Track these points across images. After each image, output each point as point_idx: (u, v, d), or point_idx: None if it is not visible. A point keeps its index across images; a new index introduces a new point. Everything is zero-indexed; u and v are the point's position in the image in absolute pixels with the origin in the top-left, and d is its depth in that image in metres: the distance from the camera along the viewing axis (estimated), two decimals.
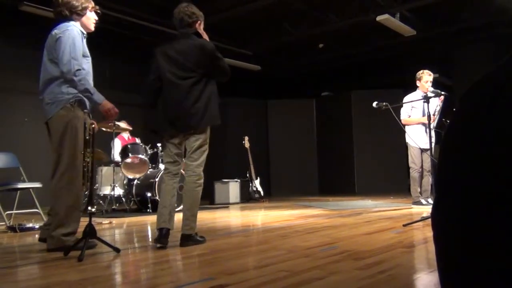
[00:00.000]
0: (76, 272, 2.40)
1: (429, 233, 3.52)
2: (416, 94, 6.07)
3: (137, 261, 2.77)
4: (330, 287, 1.93)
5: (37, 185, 4.92)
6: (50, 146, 3.26)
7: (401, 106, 6.13)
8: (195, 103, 3.25)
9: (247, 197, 8.45)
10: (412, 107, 6.08)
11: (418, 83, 6.12)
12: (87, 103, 3.22)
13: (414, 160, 6.08)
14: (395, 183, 10.04)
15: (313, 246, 3.04)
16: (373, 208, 6.16)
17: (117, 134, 7.05)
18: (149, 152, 6.82)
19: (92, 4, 3.38)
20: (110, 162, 6.69)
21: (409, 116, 6.11)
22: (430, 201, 6.05)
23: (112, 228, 4.66)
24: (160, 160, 6.85)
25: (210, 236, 3.66)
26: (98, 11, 3.44)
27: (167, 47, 3.37)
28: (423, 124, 5.93)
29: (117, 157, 6.72)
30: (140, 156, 6.54)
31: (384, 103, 5.20)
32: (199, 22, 3.43)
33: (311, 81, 12.08)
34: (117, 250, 2.91)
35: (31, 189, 4.94)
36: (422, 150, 5.96)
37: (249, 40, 9.53)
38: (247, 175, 8.66)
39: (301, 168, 11.17)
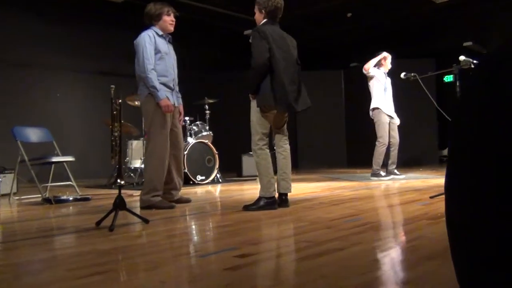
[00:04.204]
0: (107, 241, 2.51)
1: None
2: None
3: (165, 232, 2.87)
4: (350, 258, 1.96)
5: (70, 158, 5.09)
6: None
7: (430, 76, 6.04)
8: (300, 85, 3.68)
9: (274, 170, 8.49)
10: (378, 73, 6.53)
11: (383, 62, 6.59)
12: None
13: (383, 134, 6.40)
14: (425, 154, 9.90)
15: (336, 217, 3.07)
16: (401, 180, 6.12)
17: None
18: None
19: (167, 8, 4.01)
20: (140, 135, 6.83)
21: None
22: (397, 172, 6.49)
23: None
24: (188, 133, 6.95)
25: (237, 208, 3.73)
26: (176, 13, 4.09)
27: (272, 31, 3.64)
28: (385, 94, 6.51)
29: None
30: None
31: (412, 74, 5.10)
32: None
33: (339, 52, 11.86)
34: (146, 221, 3.02)
35: (64, 163, 5.12)
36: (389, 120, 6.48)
37: None
38: (274, 148, 8.68)
39: (329, 140, 11.11)
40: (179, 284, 1.71)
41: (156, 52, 3.90)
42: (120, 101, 3.08)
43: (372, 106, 6.51)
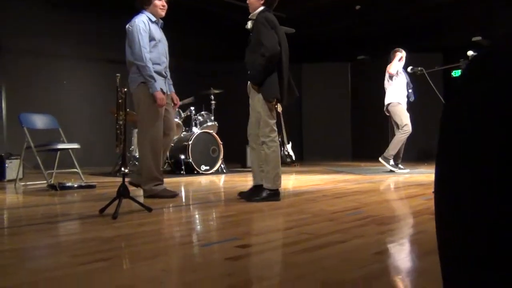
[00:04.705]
0: (111, 229, 2.54)
1: None
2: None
3: (168, 220, 2.90)
4: (351, 250, 1.97)
5: (76, 146, 5.13)
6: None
7: (436, 71, 6.02)
8: (289, 78, 3.68)
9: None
10: (399, 72, 6.52)
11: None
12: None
13: (408, 122, 6.32)
14: (430, 149, 9.87)
15: (339, 210, 3.08)
16: (406, 174, 6.11)
17: None
18: (183, 115, 6.94)
19: None
20: None
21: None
22: (402, 166, 6.49)
23: None
24: (193, 123, 6.96)
25: (240, 198, 3.74)
26: None
27: (275, 21, 3.56)
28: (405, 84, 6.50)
29: None
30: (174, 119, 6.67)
31: (419, 68, 5.07)
32: None
33: (347, 44, 11.79)
34: (149, 209, 3.04)
35: (70, 150, 5.15)
36: None
37: (283, 2, 9.34)
38: (279, 139, 8.68)
39: (334, 133, 11.10)
40: (180, 272, 1.73)
41: (150, 39, 3.82)
42: (125, 89, 3.09)
43: (391, 100, 6.43)
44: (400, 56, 6.49)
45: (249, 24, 3.67)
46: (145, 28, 3.78)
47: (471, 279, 0.61)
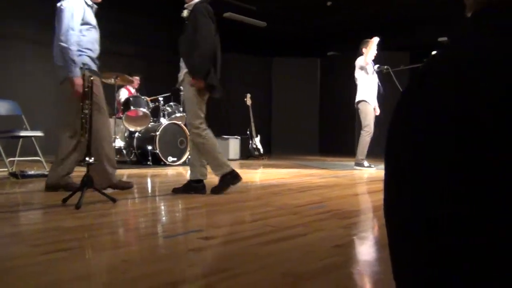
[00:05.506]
0: (73, 219, 2.51)
1: None
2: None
3: (132, 211, 2.88)
4: (311, 243, 2.03)
5: (39, 133, 5.01)
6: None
7: (402, 70, 6.13)
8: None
9: (247, 154, 8.55)
10: (370, 71, 6.30)
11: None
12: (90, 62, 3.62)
13: (370, 123, 6.25)
14: None
15: (302, 204, 3.14)
16: (370, 170, 6.25)
17: (122, 85, 7.20)
18: (151, 105, 6.87)
19: None
20: (111, 114, 6.75)
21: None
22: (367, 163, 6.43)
23: None
24: (161, 114, 6.90)
25: (206, 191, 3.76)
26: None
27: (211, 11, 3.53)
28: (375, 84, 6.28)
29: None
30: (142, 109, 6.60)
31: (385, 67, 5.19)
32: None
33: (318, 40, 11.91)
34: (113, 200, 3.02)
35: (33, 138, 5.03)
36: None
37: None
38: (248, 132, 8.73)
39: (303, 128, 11.23)
40: (141, 263, 1.74)
41: (84, 23, 3.57)
42: (92, 78, 3.05)
43: (358, 98, 6.35)
44: (374, 44, 6.23)
45: (185, 13, 3.63)
46: (79, 10, 3.53)
47: (416, 277, 0.64)
